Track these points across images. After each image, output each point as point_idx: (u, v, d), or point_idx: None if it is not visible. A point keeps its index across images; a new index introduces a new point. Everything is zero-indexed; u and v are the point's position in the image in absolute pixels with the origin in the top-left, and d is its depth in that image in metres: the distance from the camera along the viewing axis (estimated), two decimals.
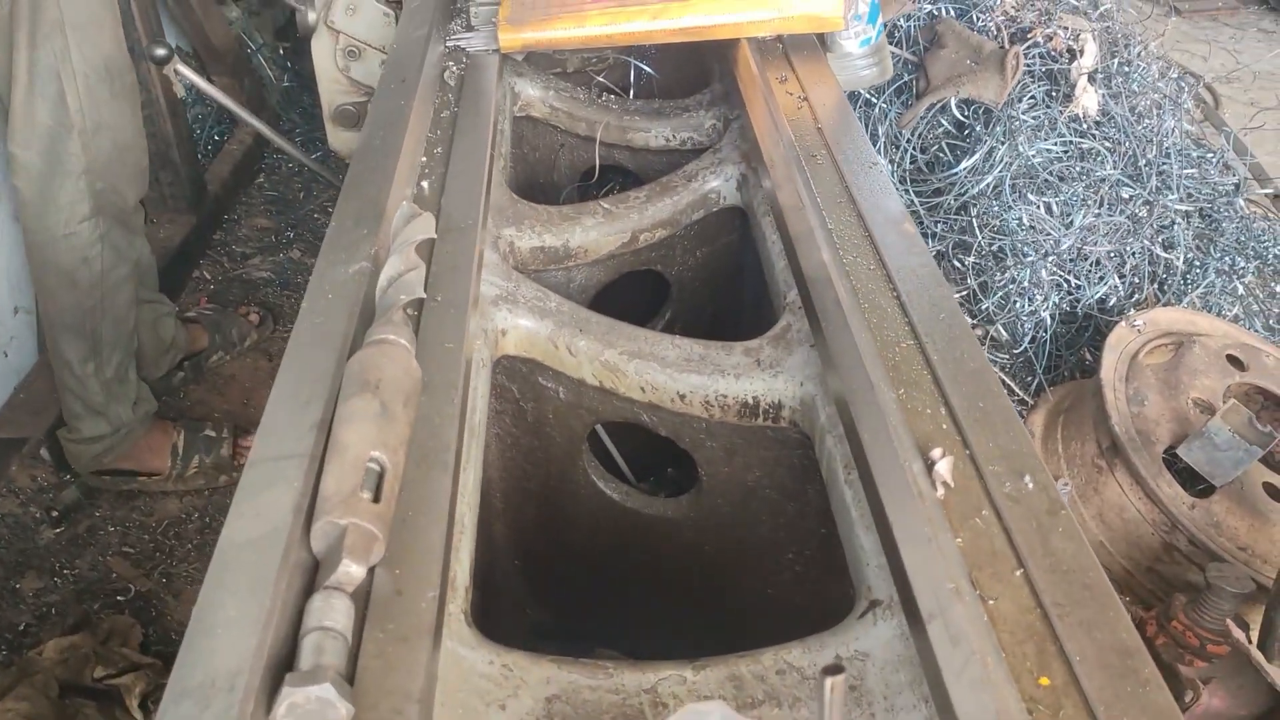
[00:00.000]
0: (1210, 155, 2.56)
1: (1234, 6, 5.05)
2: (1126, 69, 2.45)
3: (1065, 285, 2.26)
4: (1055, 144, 2.29)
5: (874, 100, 2.45)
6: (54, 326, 2.25)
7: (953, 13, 2.47)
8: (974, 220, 2.23)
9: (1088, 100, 2.26)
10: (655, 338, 1.36)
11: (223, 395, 2.87)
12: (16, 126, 2.05)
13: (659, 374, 1.32)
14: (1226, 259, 2.46)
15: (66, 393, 2.33)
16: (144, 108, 2.92)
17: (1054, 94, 2.38)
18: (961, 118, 2.40)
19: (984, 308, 2.26)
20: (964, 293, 2.29)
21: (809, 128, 1.57)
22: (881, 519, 0.94)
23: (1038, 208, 2.24)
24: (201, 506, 2.52)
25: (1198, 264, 2.43)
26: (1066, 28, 2.34)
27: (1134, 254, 2.34)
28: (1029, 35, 2.35)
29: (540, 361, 1.39)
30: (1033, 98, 2.36)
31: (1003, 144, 2.30)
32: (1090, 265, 2.29)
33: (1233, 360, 2.10)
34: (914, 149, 2.42)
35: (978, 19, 2.43)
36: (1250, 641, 1.54)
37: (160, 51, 1.99)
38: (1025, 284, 2.21)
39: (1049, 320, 2.24)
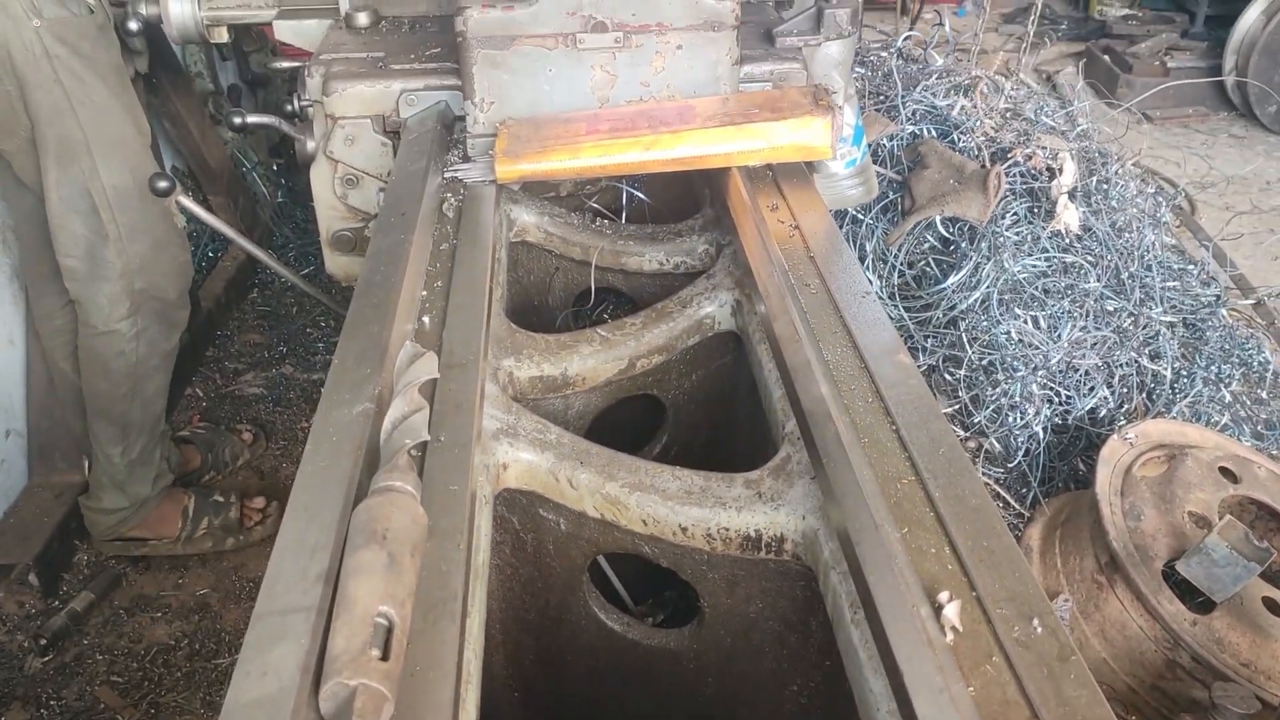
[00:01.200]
0: (1191, 267, 2.62)
1: (1204, 113, 5.20)
2: (1105, 186, 2.52)
3: (1056, 398, 2.28)
4: (1039, 259, 2.34)
5: (861, 217, 2.51)
6: (90, 408, 2.47)
7: (934, 134, 2.54)
8: (963, 335, 2.27)
9: (1069, 217, 2.32)
10: (656, 469, 1.36)
11: None
12: (57, 237, 2.26)
13: (660, 507, 1.32)
14: (1213, 368, 2.49)
15: (95, 464, 2.54)
16: None
17: (1035, 210, 2.44)
18: (947, 234, 2.45)
19: (976, 421, 2.28)
20: (955, 406, 2.31)
21: (801, 256, 1.60)
22: (891, 664, 0.94)
23: (1025, 322, 2.27)
24: (190, 633, 2.49)
25: (1185, 373, 2.47)
26: (1045, 147, 2.41)
27: (1122, 364, 2.37)
28: (1009, 155, 2.42)
29: (541, 494, 1.39)
30: (1015, 214, 2.41)
31: (988, 259, 2.35)
32: (1080, 377, 2.31)
33: (1225, 472, 2.12)
34: (901, 265, 2.46)
35: (959, 140, 2.50)
36: None
37: (163, 184, 2.02)
38: (1016, 398, 2.23)
39: (1041, 433, 2.26)
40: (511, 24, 1.81)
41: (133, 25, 2.35)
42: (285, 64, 2.53)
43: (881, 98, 2.64)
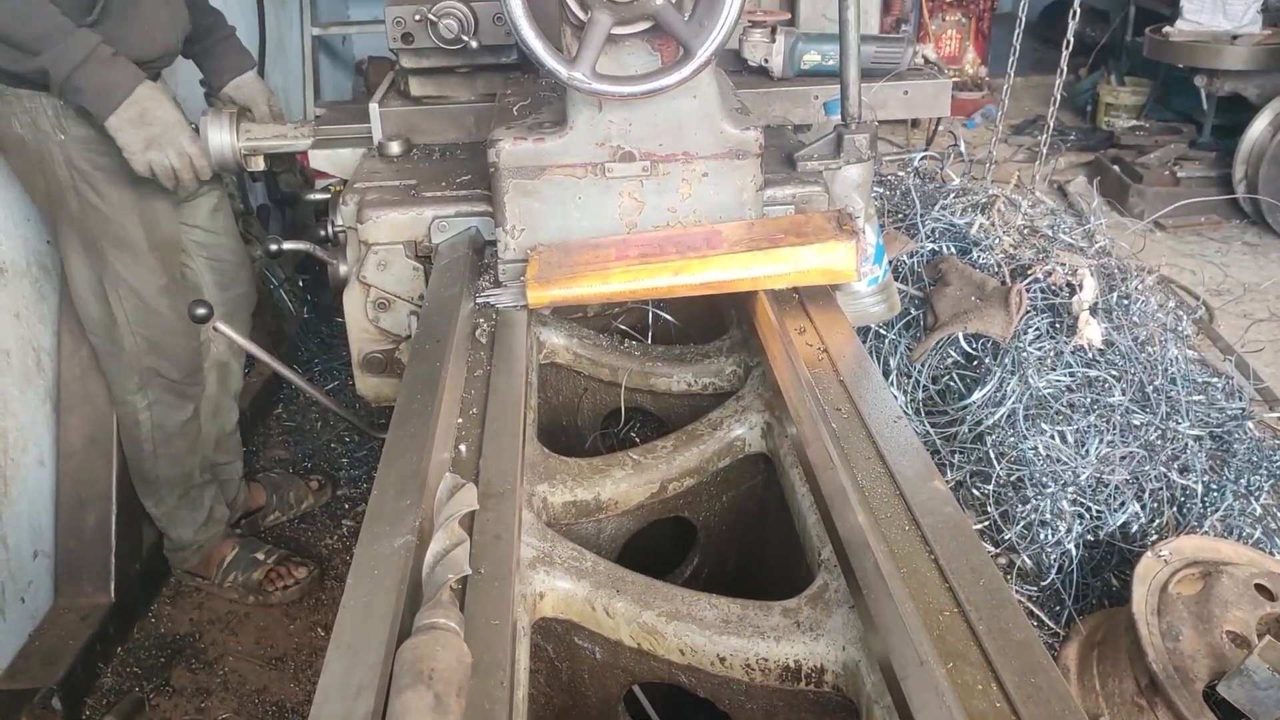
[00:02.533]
0: (1215, 380, 2.62)
1: (1217, 221, 5.26)
2: (1126, 301, 2.55)
3: (1087, 514, 2.27)
4: (1063, 374, 2.35)
5: (884, 333, 2.53)
6: (129, 466, 2.80)
7: (954, 251, 2.59)
8: (990, 451, 2.27)
9: (1091, 332, 2.34)
10: (692, 597, 1.36)
11: None
12: (80, 314, 2.58)
13: (698, 636, 1.31)
14: (1242, 480, 2.48)
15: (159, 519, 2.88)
16: None
17: (1057, 325, 2.46)
18: (970, 349, 2.47)
19: (1006, 538, 2.26)
20: (985, 522, 2.30)
21: (830, 379, 1.62)
22: None
23: (1053, 437, 2.28)
24: None
25: (1214, 486, 2.45)
26: (1064, 264, 2.45)
27: (1151, 479, 2.36)
28: (1029, 271, 2.45)
29: (577, 622, 1.38)
30: (1037, 330, 2.44)
31: (1012, 374, 2.36)
32: (1110, 492, 2.30)
33: (1261, 589, 2.09)
34: (925, 380, 2.48)
35: (979, 256, 2.54)
36: None
37: (201, 311, 2.07)
38: (1047, 515, 2.22)
39: (1074, 550, 2.24)
40: (542, 155, 1.86)
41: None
42: (318, 195, 2.61)
43: (901, 216, 2.70)
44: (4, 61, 2.16)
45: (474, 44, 2.29)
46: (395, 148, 2.38)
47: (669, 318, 2.15)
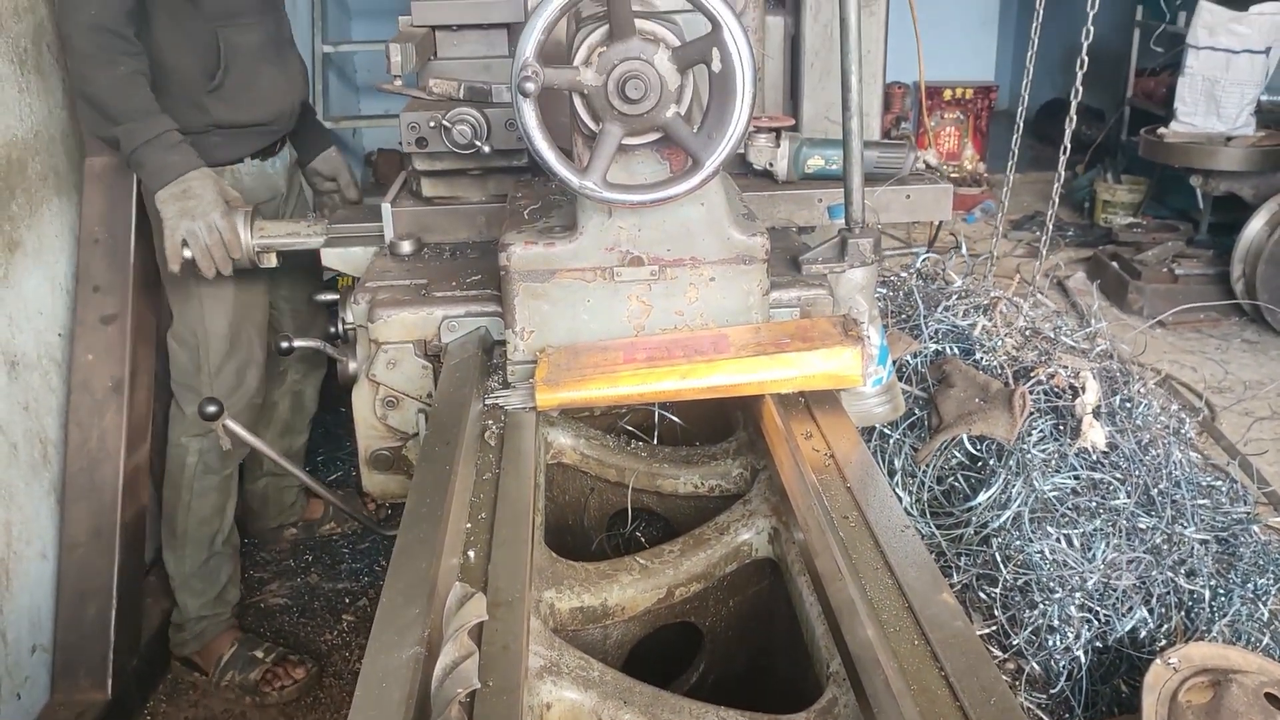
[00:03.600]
0: (1219, 483, 2.63)
1: (1215, 318, 5.29)
2: (1129, 404, 2.56)
3: (1095, 620, 2.25)
4: (1068, 477, 2.36)
5: (888, 433, 2.54)
6: (163, 512, 2.95)
7: (957, 351, 2.61)
8: (997, 554, 2.26)
9: (1094, 435, 2.35)
10: (700, 709, 1.35)
11: None
12: (171, 356, 2.87)
13: None
14: (1249, 585, 2.47)
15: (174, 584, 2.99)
16: None
17: (1061, 427, 2.47)
18: (974, 451, 2.48)
19: (1014, 643, 2.24)
20: (992, 627, 2.28)
21: (838, 485, 1.62)
22: None
23: (1059, 540, 2.27)
24: None
25: (1222, 591, 2.44)
26: (1066, 366, 2.47)
27: (1159, 583, 2.35)
28: (1032, 374, 2.47)
29: None
30: (1041, 432, 2.45)
31: (1017, 476, 2.37)
32: (1117, 597, 2.29)
33: (1271, 699, 2.07)
34: (930, 481, 2.48)
35: (982, 358, 2.56)
36: None
37: (211, 409, 2.09)
38: (1055, 620, 2.21)
39: (1082, 656, 2.22)
40: (552, 259, 1.90)
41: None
42: (328, 296, 2.65)
43: (904, 316, 2.73)
44: (89, 121, 2.57)
45: (486, 149, 2.34)
46: (406, 247, 2.42)
47: (675, 418, 2.17)
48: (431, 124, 2.34)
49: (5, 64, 2.60)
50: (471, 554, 1.46)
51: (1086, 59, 3.25)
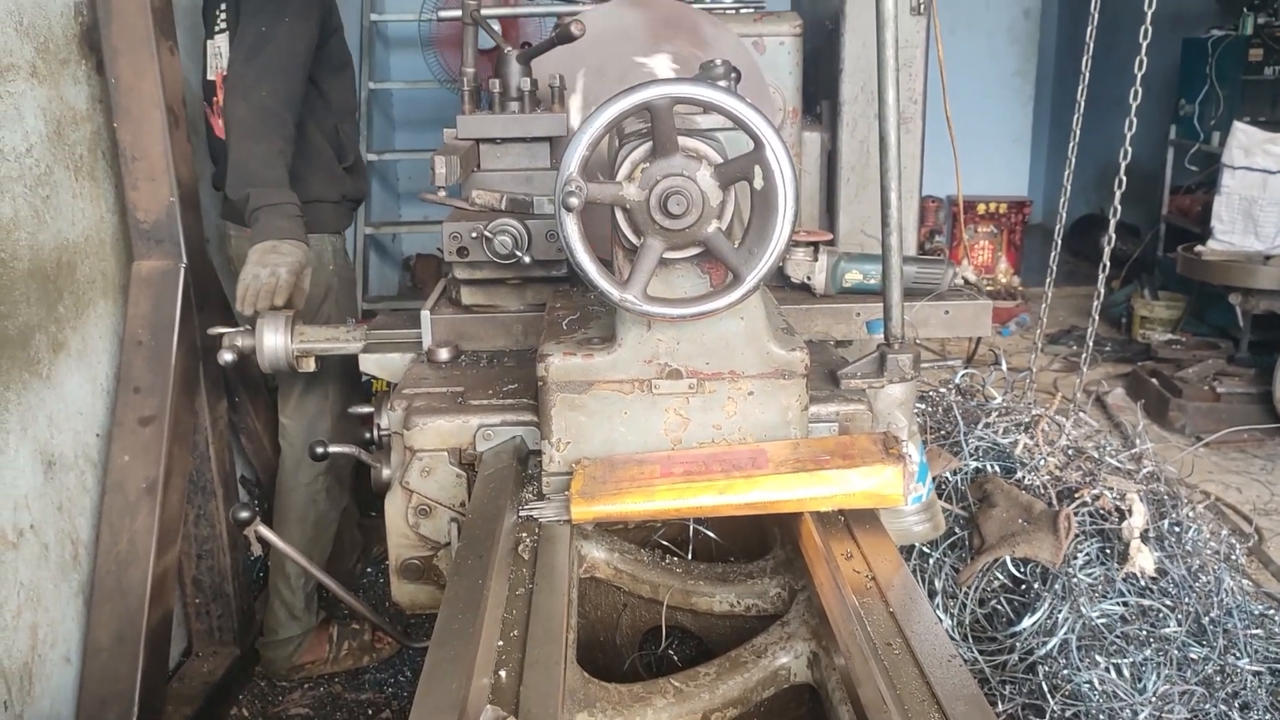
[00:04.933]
0: (1272, 613, 2.53)
1: (1259, 438, 5.21)
2: (1177, 528, 2.49)
3: None
4: (1116, 603, 2.28)
5: (929, 553, 2.48)
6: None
7: (998, 470, 2.56)
8: (1044, 684, 2.18)
9: (1143, 560, 2.29)
10: None
11: None
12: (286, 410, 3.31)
13: None
14: None
15: (278, 604, 3.30)
16: (205, 542, 3.05)
17: (1108, 550, 2.40)
18: (1017, 573, 2.42)
19: None
20: None
21: (880, 610, 1.57)
22: None
23: (1108, 669, 2.19)
24: None
25: None
26: (1111, 488, 2.41)
27: (1212, 717, 2.25)
28: (1076, 495, 2.42)
29: None
30: (1087, 555, 2.38)
31: (1063, 601, 2.29)
32: None
33: None
34: (972, 603, 2.41)
35: (1024, 477, 2.51)
36: None
37: (244, 515, 2.08)
38: None
39: None
40: (591, 370, 1.89)
41: (227, 356, 2.49)
42: (363, 409, 2.66)
43: (943, 432, 2.69)
44: (228, 183, 2.83)
45: (527, 259, 2.36)
46: (444, 354, 2.43)
47: (710, 534, 2.13)
48: (474, 234, 2.37)
49: (62, 170, 2.67)
50: (503, 674, 1.41)
51: (1125, 178, 3.26)
